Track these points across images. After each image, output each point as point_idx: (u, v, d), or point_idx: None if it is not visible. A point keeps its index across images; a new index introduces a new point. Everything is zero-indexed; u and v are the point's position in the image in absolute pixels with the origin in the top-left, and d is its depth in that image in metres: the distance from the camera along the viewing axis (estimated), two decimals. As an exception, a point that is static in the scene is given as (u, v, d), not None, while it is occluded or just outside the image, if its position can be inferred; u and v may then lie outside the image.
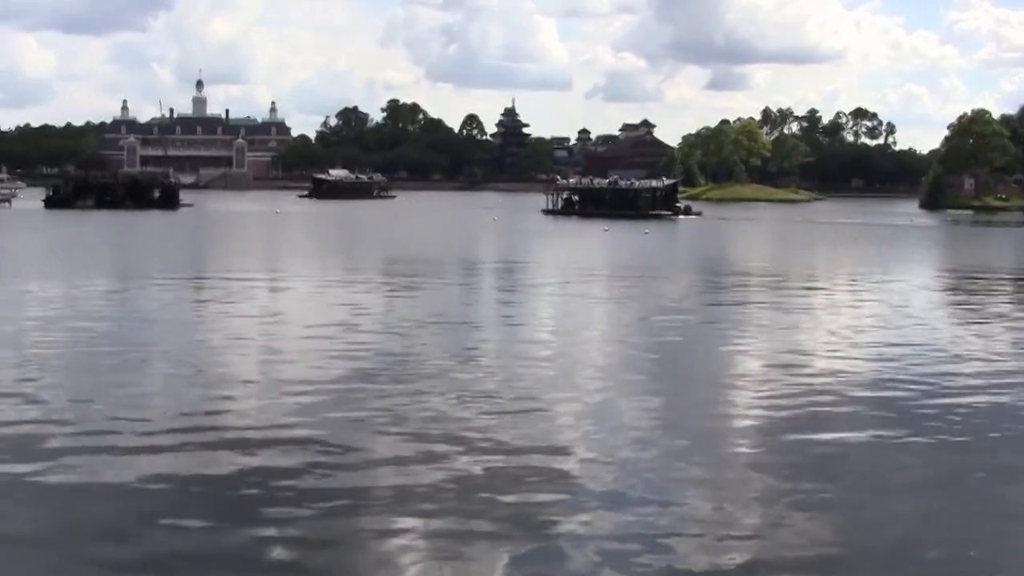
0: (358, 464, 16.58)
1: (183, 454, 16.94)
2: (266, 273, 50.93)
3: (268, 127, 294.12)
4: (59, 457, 16.54)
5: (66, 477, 15.61)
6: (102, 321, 32.11)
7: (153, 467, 16.05)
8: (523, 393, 21.95)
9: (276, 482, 15.48)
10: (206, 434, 18.19)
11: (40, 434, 17.87)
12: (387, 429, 18.60)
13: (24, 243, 70.53)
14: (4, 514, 14.17)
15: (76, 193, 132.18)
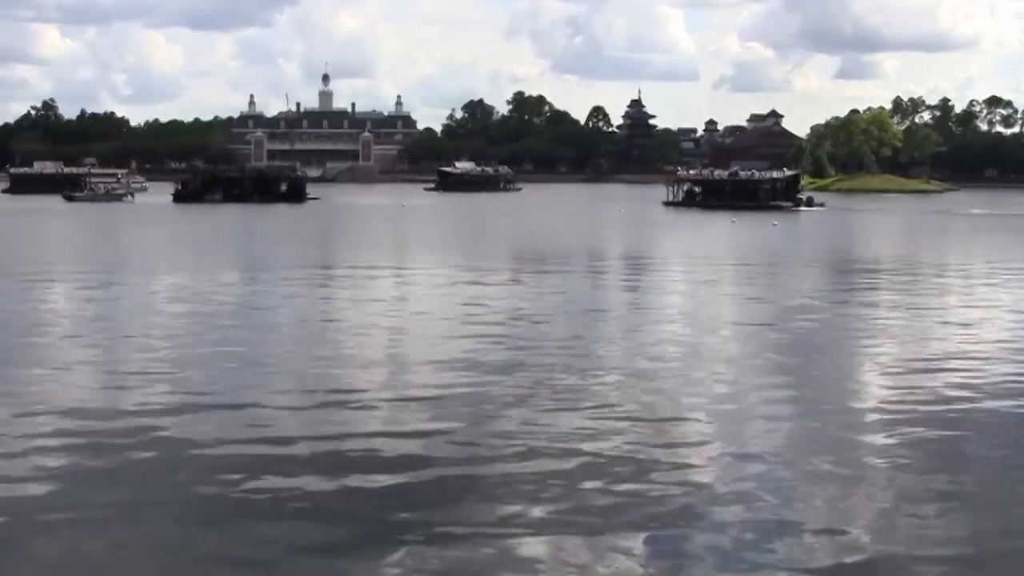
0: (488, 452, 16.71)
1: (312, 442, 17.11)
2: (393, 265, 51.02)
3: (394, 120, 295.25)
4: (193, 447, 16.84)
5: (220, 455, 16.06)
6: (229, 312, 32.54)
7: (282, 452, 16.53)
8: (650, 385, 21.75)
9: (416, 472, 15.67)
10: (335, 427, 18.27)
11: (172, 427, 18.02)
12: (513, 418, 18.71)
13: (154, 237, 71.44)
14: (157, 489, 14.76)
15: (204, 187, 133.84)
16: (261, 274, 45.57)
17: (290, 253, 56.86)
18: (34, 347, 25.96)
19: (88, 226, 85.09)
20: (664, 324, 31.05)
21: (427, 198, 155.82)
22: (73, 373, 22.86)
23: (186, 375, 22.45)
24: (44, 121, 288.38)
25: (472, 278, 43.23)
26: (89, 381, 22.08)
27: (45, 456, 16.29)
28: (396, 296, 37.59)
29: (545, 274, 45.43)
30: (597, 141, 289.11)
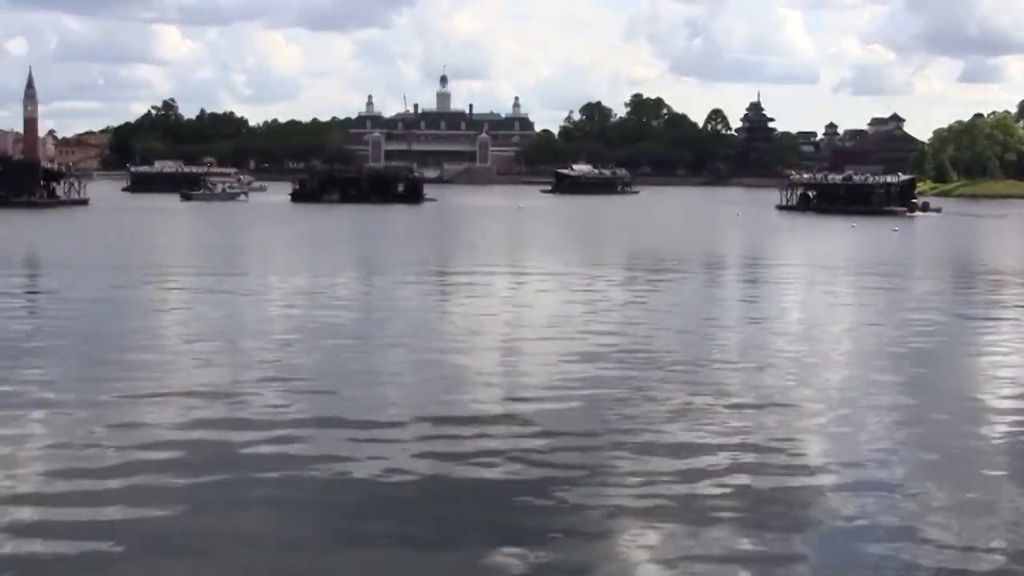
0: (604, 457, 16.51)
1: (427, 442, 17.18)
2: (509, 267, 50.57)
3: (511, 122, 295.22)
4: (314, 440, 17.11)
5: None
6: (347, 311, 32.77)
7: (394, 456, 16.45)
8: (766, 390, 21.47)
9: (532, 474, 15.68)
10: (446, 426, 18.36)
11: (285, 422, 18.10)
12: (628, 422, 18.63)
13: (272, 236, 72.00)
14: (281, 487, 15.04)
15: (322, 187, 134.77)
16: (378, 274, 45.60)
17: (407, 254, 56.87)
18: (152, 346, 26.03)
19: (207, 225, 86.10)
20: (782, 331, 30.40)
21: (544, 200, 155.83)
22: (191, 371, 22.93)
23: (300, 379, 22.24)
24: (164, 121, 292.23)
25: (588, 280, 42.94)
26: (206, 381, 21.91)
27: (165, 454, 16.28)
28: (511, 299, 37.34)
29: (661, 278, 44.78)
30: (715, 144, 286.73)
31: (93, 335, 27.45)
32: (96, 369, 22.94)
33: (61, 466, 15.70)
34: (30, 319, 31.43)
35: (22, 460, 16.01)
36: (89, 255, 54.02)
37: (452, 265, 52.01)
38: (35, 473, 15.40)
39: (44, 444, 16.89)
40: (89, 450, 16.50)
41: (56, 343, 26.14)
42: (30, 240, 67.21)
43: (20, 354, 24.49)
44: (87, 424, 18.00)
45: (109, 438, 17.13)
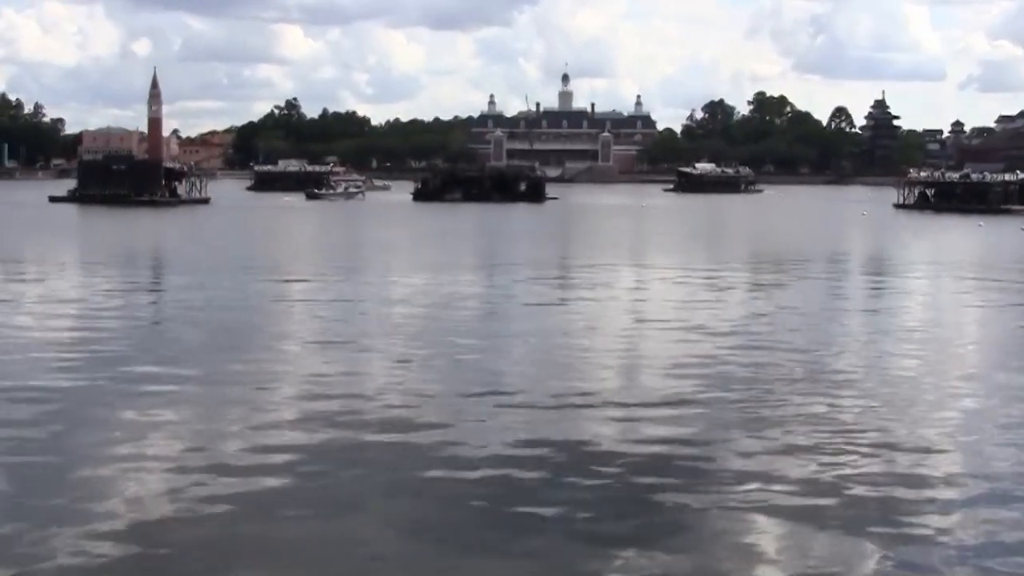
0: (727, 457, 16.27)
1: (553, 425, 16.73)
2: (631, 266, 50.34)
3: (633, 120, 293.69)
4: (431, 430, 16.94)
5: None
6: (469, 308, 32.85)
7: (521, 446, 16.49)
8: (891, 392, 20.91)
9: (650, 474, 15.38)
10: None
11: (412, 429, 17.67)
12: (750, 422, 18.24)
13: (395, 235, 71.98)
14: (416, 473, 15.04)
15: (444, 186, 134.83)
16: (501, 272, 45.50)
17: (531, 252, 56.76)
18: (275, 341, 26.25)
19: (330, 223, 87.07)
20: (905, 334, 29.20)
21: (666, 199, 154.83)
22: (314, 364, 23.15)
23: (420, 372, 22.42)
24: (287, 120, 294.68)
25: (710, 279, 42.30)
26: (328, 373, 22.15)
27: (293, 451, 16.26)
28: (632, 298, 37.01)
29: (784, 277, 44.12)
30: (839, 142, 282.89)
31: (219, 330, 27.79)
32: (223, 361, 23.29)
33: (191, 448, 16.35)
34: (158, 315, 31.91)
35: (154, 444, 16.52)
36: (213, 253, 54.71)
37: (575, 263, 51.48)
38: (167, 456, 15.90)
39: (174, 431, 17.29)
40: (217, 435, 17.01)
41: (182, 339, 26.36)
42: (153, 238, 68.25)
43: (150, 347, 24.95)
44: (216, 413, 18.39)
45: (236, 427, 17.54)
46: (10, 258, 51.19)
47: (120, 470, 15.20)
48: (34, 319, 29.96)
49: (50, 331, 27.53)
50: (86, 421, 17.85)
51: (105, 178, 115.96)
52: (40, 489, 14.28)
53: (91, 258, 52.65)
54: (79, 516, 13.23)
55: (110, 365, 22.67)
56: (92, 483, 14.63)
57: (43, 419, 17.81)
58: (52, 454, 15.81)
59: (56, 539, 12.45)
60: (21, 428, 17.29)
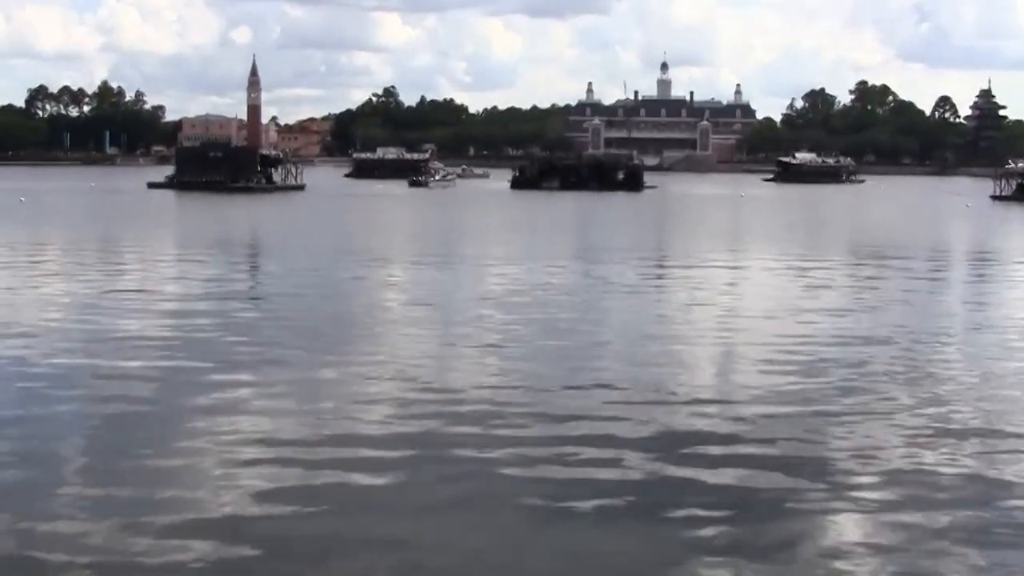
0: (816, 455, 15.67)
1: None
2: (729, 256, 49.50)
3: (732, 109, 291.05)
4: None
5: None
6: (565, 297, 32.27)
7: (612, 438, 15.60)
8: (992, 393, 19.78)
9: (746, 471, 14.77)
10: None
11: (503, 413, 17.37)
12: (846, 417, 17.60)
13: (492, 223, 71.94)
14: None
15: (542, 174, 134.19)
16: (599, 261, 44.55)
17: (628, 241, 55.97)
18: (373, 333, 25.80)
19: (427, 211, 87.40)
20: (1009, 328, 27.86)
21: (766, 189, 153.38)
22: (409, 350, 23.10)
23: (515, 362, 21.99)
24: (385, 107, 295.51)
25: (807, 271, 41.49)
26: (423, 356, 22.34)
27: (388, 442, 15.97)
28: (730, 289, 36.21)
29: (886, 271, 42.59)
30: (943, 133, 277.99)
31: (315, 317, 27.72)
32: (318, 348, 23.17)
33: (287, 431, 16.37)
34: (255, 300, 31.85)
35: (247, 433, 16.31)
36: (308, 240, 54.91)
37: (674, 253, 50.93)
38: (261, 446, 15.69)
39: (268, 421, 17.03)
40: (312, 419, 16.97)
41: (277, 326, 26.12)
42: (247, 224, 68.99)
43: (244, 334, 24.89)
44: (311, 401, 18.26)
45: (332, 412, 17.51)
46: (108, 244, 51.89)
47: (213, 460, 14.94)
48: (131, 304, 29.85)
49: (147, 318, 27.41)
50: (178, 410, 17.58)
51: (202, 165, 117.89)
52: (132, 476, 14.11)
53: (186, 243, 52.97)
54: (169, 505, 13.05)
55: (205, 352, 22.50)
56: (183, 472, 14.40)
57: (137, 407, 17.69)
58: (144, 445, 15.47)
59: (145, 529, 12.19)
60: (113, 415, 17.12)
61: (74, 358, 21.84)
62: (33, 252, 46.30)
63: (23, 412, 17.31)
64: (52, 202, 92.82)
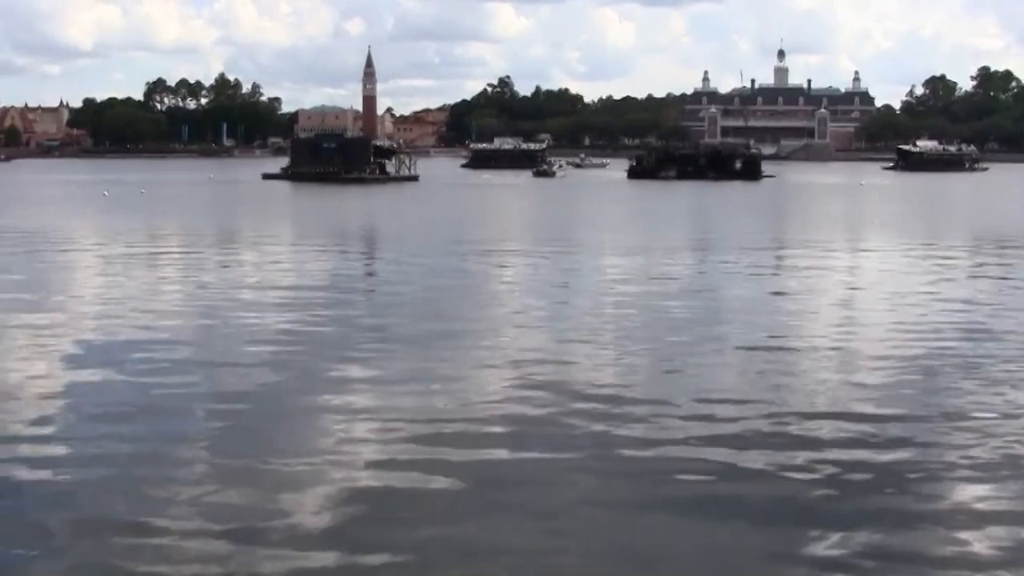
0: (938, 443, 15.27)
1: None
2: (847, 245, 48.70)
3: (851, 97, 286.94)
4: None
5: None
6: (682, 287, 31.88)
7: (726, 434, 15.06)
8: None
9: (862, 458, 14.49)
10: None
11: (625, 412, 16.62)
12: (964, 409, 16.96)
13: (609, 212, 71.41)
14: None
15: (659, 164, 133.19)
16: (717, 251, 44.05)
17: (747, 230, 54.90)
18: (487, 323, 25.14)
19: (544, 201, 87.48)
20: None
21: (885, 177, 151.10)
22: (521, 340, 22.83)
23: (626, 354, 21.46)
24: (500, 98, 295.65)
25: (930, 262, 40.08)
26: (535, 348, 21.73)
27: (504, 438, 15.50)
28: (851, 280, 35.43)
29: (1006, 261, 41.25)
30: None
31: (428, 304, 27.95)
32: (436, 336, 23.04)
33: (402, 418, 16.15)
34: (370, 289, 32.37)
35: (363, 425, 16.11)
36: (422, 230, 54.79)
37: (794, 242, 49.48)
38: (376, 439, 15.40)
39: (382, 412, 16.71)
40: (427, 415, 16.46)
41: (391, 316, 26.13)
42: (359, 215, 69.31)
43: (359, 324, 24.82)
44: (426, 392, 17.95)
45: (446, 407, 17.04)
46: (225, 234, 52.71)
47: (329, 449, 14.81)
48: (247, 296, 29.88)
49: (263, 310, 27.12)
50: (294, 401, 17.41)
51: (316, 156, 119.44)
52: (249, 467, 13.92)
53: (301, 234, 53.19)
54: (287, 503, 12.67)
55: (321, 342, 22.53)
56: (297, 465, 14.06)
57: (254, 398, 17.58)
58: (262, 439, 15.28)
59: (266, 533, 11.77)
60: (231, 407, 16.95)
61: (190, 348, 21.89)
62: (153, 242, 47.04)
63: (143, 402, 17.18)
64: (170, 193, 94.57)
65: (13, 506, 12.50)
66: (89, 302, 28.71)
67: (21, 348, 21.78)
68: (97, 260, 39.60)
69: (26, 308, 26.56)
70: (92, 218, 63.18)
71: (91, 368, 19.65)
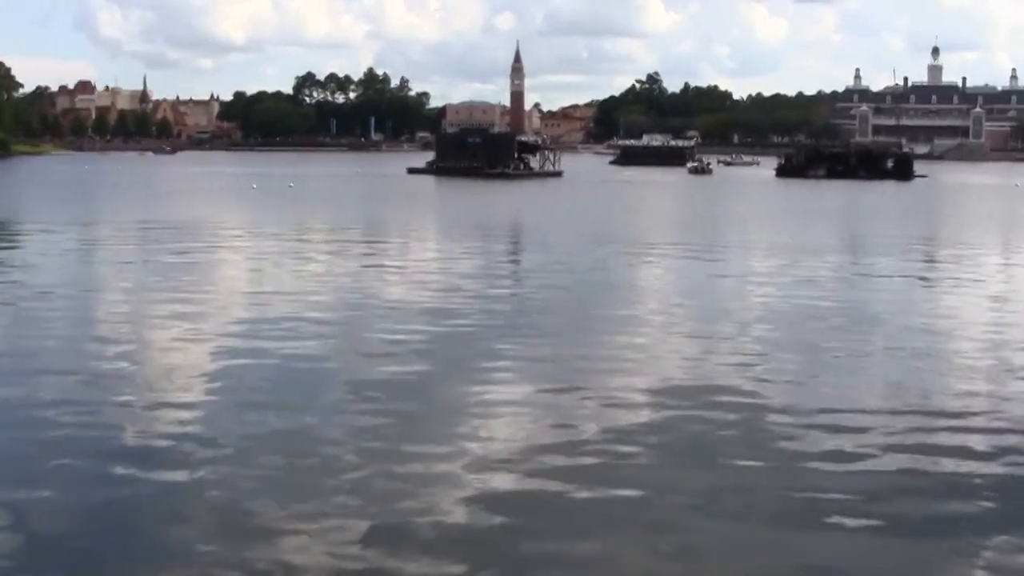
0: None
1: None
2: (1000, 249, 47.58)
3: (1008, 95, 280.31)
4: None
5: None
6: (830, 292, 30.61)
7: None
8: None
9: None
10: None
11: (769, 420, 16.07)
12: None
13: (757, 211, 71.06)
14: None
15: (808, 162, 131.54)
16: (868, 254, 42.96)
17: (900, 232, 53.52)
18: (630, 322, 24.76)
19: (691, 198, 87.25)
20: None
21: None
22: (670, 345, 22.19)
23: (771, 362, 20.39)
24: (648, 94, 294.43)
25: None
26: (685, 359, 20.73)
27: (645, 444, 15.01)
28: (1004, 288, 33.67)
29: None
30: None
31: (572, 304, 27.46)
32: (575, 335, 22.81)
33: (544, 420, 15.96)
34: (514, 287, 31.89)
35: (503, 421, 16.14)
36: (565, 225, 54.43)
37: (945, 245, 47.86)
38: (516, 436, 15.32)
39: (525, 409, 16.68)
40: (569, 413, 16.30)
41: (536, 312, 26.17)
42: (501, 210, 69.14)
43: (505, 319, 24.98)
44: (569, 391, 17.75)
45: (590, 406, 16.79)
46: (370, 228, 53.15)
47: (471, 449, 14.61)
48: (394, 287, 30.35)
49: (408, 303, 27.23)
50: (438, 398, 17.37)
51: (460, 150, 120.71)
52: (390, 465, 13.83)
53: (445, 228, 53.68)
54: (428, 486, 12.99)
55: (465, 338, 22.53)
56: (438, 463, 13.97)
57: (397, 391, 17.58)
58: (407, 439, 15.02)
59: (403, 514, 12.04)
60: (372, 401, 16.86)
61: (337, 340, 22.18)
62: (300, 235, 47.75)
63: (287, 393, 17.38)
64: (318, 187, 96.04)
65: (157, 494, 12.59)
66: (239, 291, 29.64)
67: (173, 337, 22.06)
68: (247, 251, 40.54)
69: (177, 298, 27.00)
70: (243, 210, 64.85)
71: (238, 358, 19.86)
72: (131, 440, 14.74)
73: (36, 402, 16.56)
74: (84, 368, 18.92)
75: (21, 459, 14.01)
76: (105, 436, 14.86)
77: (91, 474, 13.27)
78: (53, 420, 15.50)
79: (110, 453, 14.05)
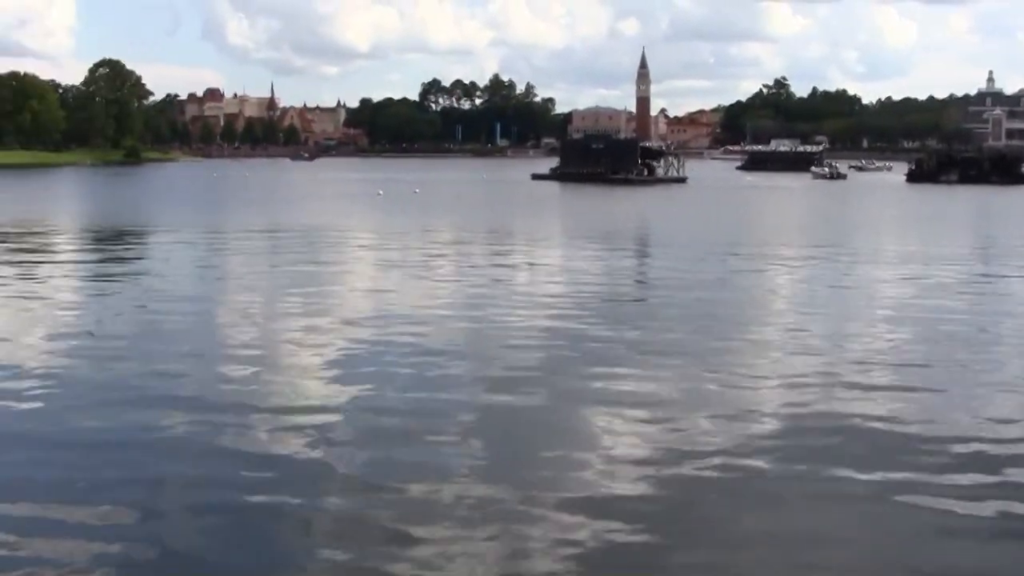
0: None
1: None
2: None
3: None
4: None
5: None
6: (959, 301, 29.73)
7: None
8: None
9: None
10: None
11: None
12: None
13: (887, 216, 70.10)
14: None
15: (939, 167, 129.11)
16: (1004, 260, 41.93)
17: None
18: (752, 328, 24.62)
19: (816, 204, 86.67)
20: None
21: None
22: (793, 355, 21.52)
23: (899, 371, 19.98)
24: (775, 99, 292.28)
25: None
26: (806, 369, 20.10)
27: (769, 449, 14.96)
28: None
29: None
30: None
31: (694, 311, 26.99)
32: (695, 344, 22.54)
33: (665, 434, 15.65)
34: (632, 293, 31.77)
35: (622, 428, 16.03)
36: (689, 232, 54.36)
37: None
38: (635, 443, 15.24)
39: (642, 416, 16.54)
40: (688, 423, 16.18)
41: (658, 317, 26.23)
42: (623, 215, 68.90)
43: (625, 322, 25.05)
44: (689, 398, 17.74)
45: (710, 413, 16.70)
46: (493, 234, 53.42)
47: (592, 462, 14.32)
48: (518, 298, 29.71)
49: (533, 310, 27.11)
50: (560, 408, 17.12)
51: (584, 156, 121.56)
52: (504, 460, 14.32)
53: (569, 234, 53.27)
54: (544, 489, 13.02)
55: (582, 340, 22.54)
56: (559, 476, 13.76)
57: (519, 404, 17.33)
58: (528, 444, 15.25)
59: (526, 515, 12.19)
60: (496, 411, 16.88)
61: (459, 344, 22.27)
62: (425, 241, 47.74)
63: (407, 400, 17.37)
64: (444, 193, 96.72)
65: (278, 504, 12.54)
66: (365, 297, 29.86)
67: (298, 342, 22.34)
68: (374, 256, 41.14)
69: (306, 303, 27.56)
70: (370, 216, 65.82)
71: (362, 367, 19.85)
72: (268, 448, 14.78)
73: (166, 408, 16.60)
74: (214, 373, 19.15)
75: (145, 464, 13.98)
76: (239, 446, 14.84)
77: (224, 482, 13.29)
78: (183, 425, 15.69)
79: (247, 461, 14.08)
